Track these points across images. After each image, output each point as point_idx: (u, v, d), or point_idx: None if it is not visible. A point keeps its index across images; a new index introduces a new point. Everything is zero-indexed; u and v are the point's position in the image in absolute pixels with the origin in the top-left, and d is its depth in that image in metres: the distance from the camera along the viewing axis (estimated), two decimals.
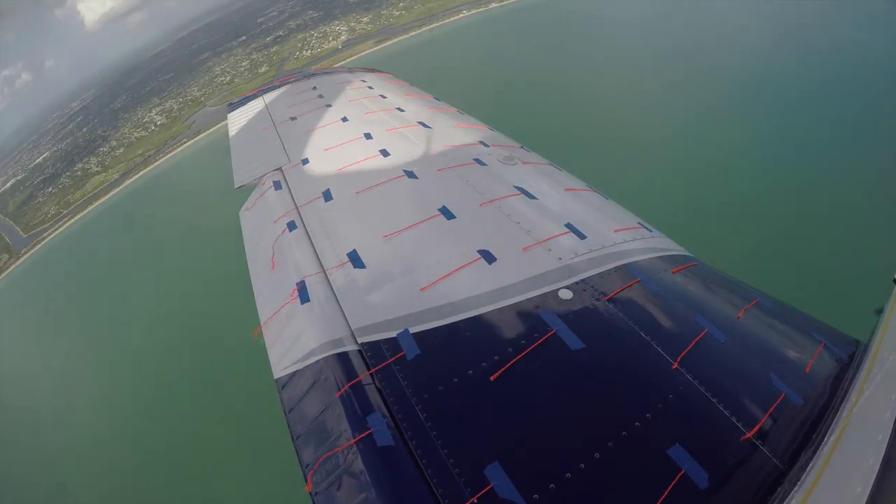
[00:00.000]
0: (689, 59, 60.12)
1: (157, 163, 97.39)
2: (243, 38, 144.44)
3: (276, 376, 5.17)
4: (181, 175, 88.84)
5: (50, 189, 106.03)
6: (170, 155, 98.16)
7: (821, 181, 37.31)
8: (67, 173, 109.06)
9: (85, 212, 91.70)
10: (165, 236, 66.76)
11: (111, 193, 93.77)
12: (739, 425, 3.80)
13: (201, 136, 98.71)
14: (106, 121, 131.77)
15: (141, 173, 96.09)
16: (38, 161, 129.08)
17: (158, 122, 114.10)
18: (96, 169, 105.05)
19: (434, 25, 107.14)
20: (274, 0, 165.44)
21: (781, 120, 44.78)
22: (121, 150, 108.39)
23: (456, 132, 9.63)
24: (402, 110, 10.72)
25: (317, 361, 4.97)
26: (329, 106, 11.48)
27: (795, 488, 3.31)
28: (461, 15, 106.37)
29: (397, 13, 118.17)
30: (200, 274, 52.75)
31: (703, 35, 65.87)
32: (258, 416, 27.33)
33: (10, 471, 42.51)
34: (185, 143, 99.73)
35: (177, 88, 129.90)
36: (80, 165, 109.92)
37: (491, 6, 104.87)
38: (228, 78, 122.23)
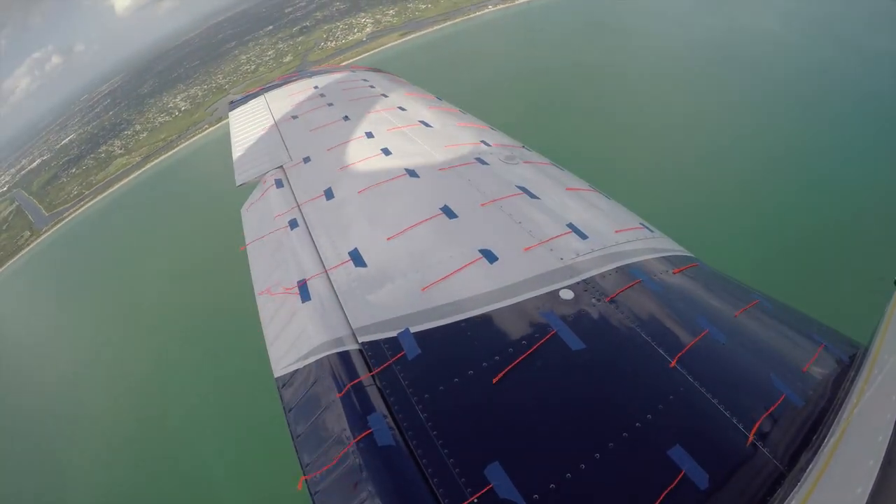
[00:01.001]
0: (702, 59, 60.84)
1: (178, 147, 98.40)
2: (270, 27, 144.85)
3: (276, 375, 5.18)
4: (200, 160, 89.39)
5: (74, 170, 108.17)
6: (191, 140, 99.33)
7: (823, 183, 37.33)
8: (92, 155, 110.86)
9: (105, 193, 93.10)
10: (181, 221, 67.16)
11: (132, 176, 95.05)
12: (740, 426, 3.80)
13: (223, 122, 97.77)
14: (132, 105, 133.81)
15: (162, 157, 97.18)
16: (64, 142, 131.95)
17: (182, 108, 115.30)
18: (120, 151, 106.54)
19: (459, 20, 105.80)
20: None
21: (786, 123, 44.85)
22: (144, 134, 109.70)
23: (457, 131, 9.66)
24: (403, 109, 10.77)
25: (317, 360, 4.98)
26: (331, 105, 11.55)
27: (795, 489, 3.31)
28: (487, 10, 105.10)
29: (423, 7, 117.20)
30: (211, 262, 51.96)
31: (716, 36, 66.12)
32: (258, 414, 27.61)
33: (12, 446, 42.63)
34: (206, 129, 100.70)
35: (202, 76, 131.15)
36: (104, 147, 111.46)
37: (517, 2, 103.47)
38: (253, 67, 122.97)
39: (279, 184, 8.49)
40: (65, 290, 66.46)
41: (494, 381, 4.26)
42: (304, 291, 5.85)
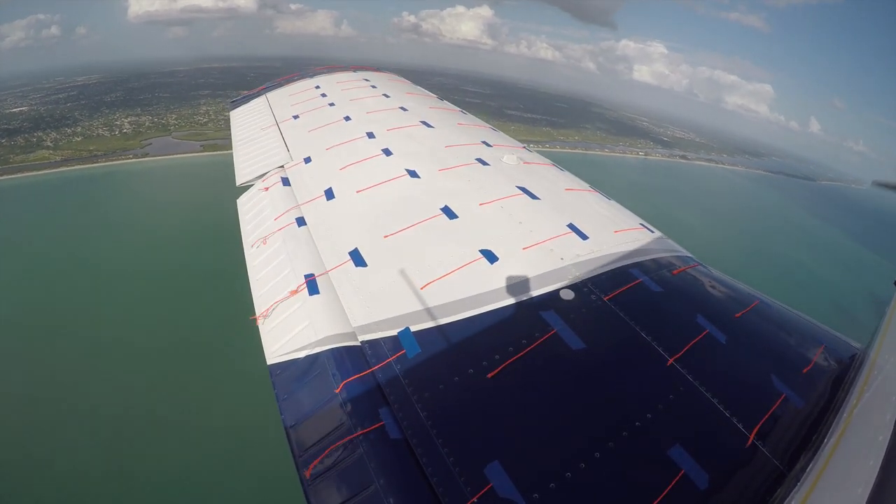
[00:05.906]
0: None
1: (96, 164, 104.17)
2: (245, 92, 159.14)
3: (269, 362, 5.05)
4: (109, 184, 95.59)
5: (3, 140, 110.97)
6: (111, 162, 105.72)
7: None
8: (26, 135, 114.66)
9: (12, 176, 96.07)
10: (59, 233, 72.16)
11: (43, 171, 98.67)
12: (740, 426, 3.87)
13: (146, 159, 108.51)
14: (89, 107, 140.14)
15: (77, 167, 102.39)
16: (14, 110, 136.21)
17: (124, 130, 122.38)
18: (49, 144, 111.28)
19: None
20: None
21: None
22: (79, 139, 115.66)
23: (458, 131, 9.76)
24: (404, 109, 10.78)
25: (315, 354, 4.92)
26: (332, 105, 11.47)
27: (795, 489, 3.30)
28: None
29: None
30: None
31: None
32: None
33: None
34: (129, 158, 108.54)
35: (161, 109, 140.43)
36: (39, 134, 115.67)
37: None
38: (205, 120, 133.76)
39: (279, 183, 8.36)
40: None
41: (490, 375, 4.27)
42: (303, 290, 5.74)
